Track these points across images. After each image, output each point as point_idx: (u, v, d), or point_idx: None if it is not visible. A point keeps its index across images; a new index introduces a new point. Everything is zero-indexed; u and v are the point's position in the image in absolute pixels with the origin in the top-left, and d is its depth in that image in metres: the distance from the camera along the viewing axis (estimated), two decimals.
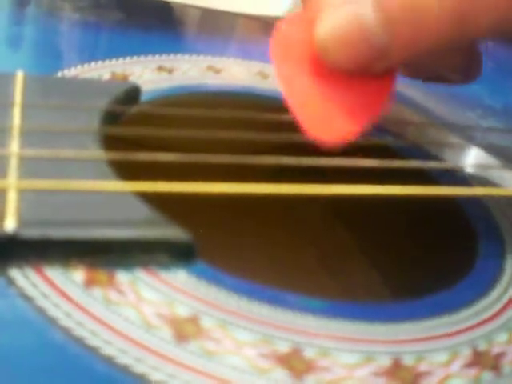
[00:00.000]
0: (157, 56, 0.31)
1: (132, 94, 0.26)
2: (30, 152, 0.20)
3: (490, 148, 0.29)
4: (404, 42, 0.20)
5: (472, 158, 0.29)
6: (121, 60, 0.30)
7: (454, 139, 0.30)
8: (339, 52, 0.20)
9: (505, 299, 0.21)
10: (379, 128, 0.29)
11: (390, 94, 0.22)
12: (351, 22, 0.20)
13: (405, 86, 0.34)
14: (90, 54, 0.31)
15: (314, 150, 0.22)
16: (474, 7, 0.20)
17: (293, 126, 0.21)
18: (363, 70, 0.21)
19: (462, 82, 0.27)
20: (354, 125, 0.21)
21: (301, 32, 0.22)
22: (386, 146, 0.28)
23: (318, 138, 0.20)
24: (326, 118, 0.21)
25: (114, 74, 0.28)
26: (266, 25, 0.41)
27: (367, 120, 0.21)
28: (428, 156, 0.29)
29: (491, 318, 0.20)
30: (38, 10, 0.35)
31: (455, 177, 0.28)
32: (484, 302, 0.21)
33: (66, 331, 0.16)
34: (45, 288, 0.17)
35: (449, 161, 0.29)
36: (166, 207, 0.20)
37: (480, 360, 0.19)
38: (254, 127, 0.24)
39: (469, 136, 0.30)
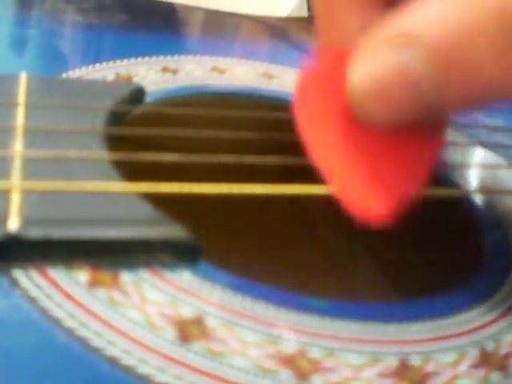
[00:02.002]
0: (161, 57, 0.31)
1: (136, 95, 0.26)
2: (34, 152, 0.20)
3: (495, 147, 0.29)
4: (458, 90, 0.17)
5: (477, 157, 0.29)
6: (125, 61, 0.30)
7: (458, 138, 0.29)
8: (378, 106, 0.17)
9: None
10: None
11: (442, 144, 0.18)
12: (393, 70, 0.17)
13: None
14: (94, 56, 0.31)
15: None
16: None
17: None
18: (407, 125, 0.17)
19: None
20: (405, 188, 0.18)
21: (326, 83, 0.18)
22: None
23: (362, 215, 0.18)
24: (368, 191, 0.17)
25: (118, 75, 0.28)
26: (270, 26, 0.41)
27: (421, 177, 0.18)
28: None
29: (499, 318, 0.20)
30: (41, 11, 0.35)
31: (460, 176, 0.27)
32: (491, 302, 0.21)
33: (69, 332, 0.16)
34: (48, 288, 0.17)
35: (453, 160, 0.28)
36: (170, 207, 0.20)
37: (488, 360, 0.19)
38: (258, 127, 0.23)
39: (474, 135, 0.30)
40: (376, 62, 0.17)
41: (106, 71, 0.28)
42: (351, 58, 0.17)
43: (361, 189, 0.17)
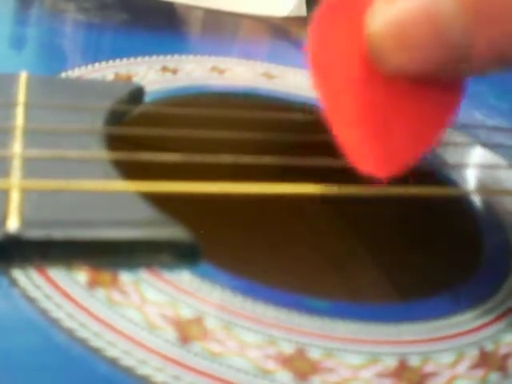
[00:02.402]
0: (161, 56, 0.31)
1: (136, 95, 0.26)
2: (33, 152, 0.20)
3: (495, 147, 0.29)
4: (490, 39, 0.15)
5: (477, 158, 0.29)
6: (125, 60, 0.30)
7: (459, 138, 0.29)
8: (401, 52, 0.16)
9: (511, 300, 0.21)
10: None
11: (457, 108, 0.17)
12: (420, 12, 0.15)
13: None
14: (94, 55, 0.31)
15: (320, 149, 0.22)
16: None
17: (297, 127, 0.21)
18: (433, 75, 0.16)
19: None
20: (414, 149, 0.17)
21: (345, 25, 0.17)
22: None
23: (367, 169, 0.17)
24: (379, 143, 0.17)
25: (117, 74, 0.28)
26: (270, 25, 0.41)
27: (430, 142, 0.17)
28: (433, 155, 0.28)
29: (498, 319, 0.20)
30: (41, 10, 0.35)
31: (461, 177, 0.27)
32: (491, 303, 0.21)
33: (69, 332, 0.16)
34: (48, 289, 0.17)
35: (454, 160, 0.28)
36: (170, 207, 0.20)
37: (487, 361, 0.19)
38: (258, 128, 0.23)
39: (474, 135, 0.30)
40: (400, 3, 0.16)
41: (106, 71, 0.28)
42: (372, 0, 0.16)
43: (367, 143, 0.16)
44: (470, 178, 0.27)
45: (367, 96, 0.16)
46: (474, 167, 0.28)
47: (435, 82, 0.16)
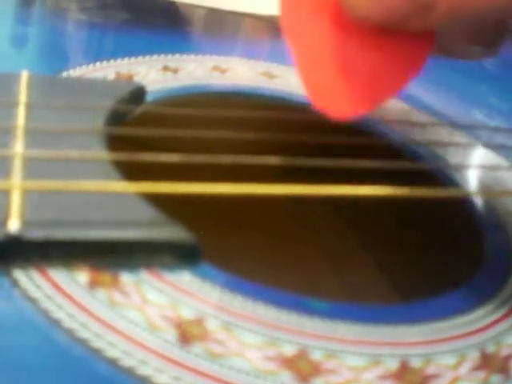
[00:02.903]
0: (162, 56, 0.31)
1: (137, 94, 0.26)
2: (35, 152, 0.20)
3: (496, 148, 0.29)
4: None
5: (478, 158, 0.29)
6: (126, 60, 0.30)
7: (460, 139, 0.29)
8: (370, 3, 0.17)
9: None
10: (386, 128, 0.29)
11: (424, 62, 0.18)
12: None
13: (410, 86, 0.33)
14: (95, 54, 0.31)
15: (319, 150, 0.22)
16: None
17: (299, 127, 0.21)
18: (397, 26, 0.17)
19: (483, 58, 0.23)
20: (376, 96, 0.17)
21: None
22: (392, 147, 0.28)
23: (325, 107, 0.17)
24: (342, 82, 0.17)
25: (119, 74, 0.28)
26: (271, 25, 0.41)
27: (394, 89, 0.18)
28: (435, 156, 0.28)
29: (499, 320, 0.20)
30: (43, 9, 0.35)
31: (462, 177, 0.27)
32: (492, 304, 0.21)
33: (69, 333, 0.16)
34: (48, 289, 0.17)
35: (455, 161, 0.28)
36: (171, 208, 0.20)
37: (488, 363, 0.19)
38: (259, 127, 0.23)
39: (475, 136, 0.30)
40: None
41: (107, 70, 0.28)
42: None
43: (341, 80, 0.17)
44: (472, 179, 0.27)
45: (335, 41, 0.17)
46: (475, 168, 0.28)
47: (401, 34, 0.17)
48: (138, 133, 0.22)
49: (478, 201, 0.26)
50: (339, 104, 0.17)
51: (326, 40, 0.17)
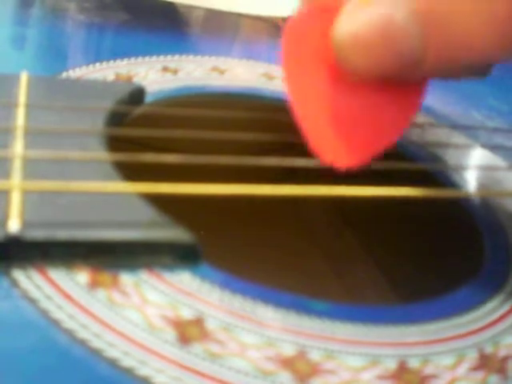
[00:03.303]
0: (161, 57, 0.31)
1: (136, 95, 0.26)
2: (34, 153, 0.20)
3: (495, 149, 0.29)
4: (440, 49, 0.17)
5: (477, 159, 0.29)
6: (125, 61, 0.30)
7: (459, 140, 0.29)
8: (362, 56, 0.18)
9: (511, 302, 0.21)
10: None
11: (418, 109, 0.19)
12: (378, 23, 0.17)
13: None
14: (95, 55, 0.31)
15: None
16: None
17: (298, 127, 0.21)
18: (389, 78, 0.18)
19: (477, 78, 0.25)
20: (375, 145, 0.18)
21: (318, 30, 0.19)
22: (392, 148, 0.28)
23: (332, 162, 0.18)
24: (342, 137, 0.18)
25: (118, 74, 0.28)
26: (270, 25, 0.41)
27: (391, 139, 0.18)
28: (434, 157, 0.28)
29: (497, 321, 0.20)
30: (42, 10, 0.35)
31: (461, 178, 0.27)
32: (490, 305, 0.21)
33: (69, 333, 0.16)
34: (48, 290, 0.17)
35: (454, 161, 0.29)
36: (171, 208, 0.20)
37: (486, 363, 0.19)
38: (258, 128, 0.23)
39: (474, 137, 0.30)
40: (360, 13, 0.18)
41: (106, 71, 0.28)
42: (339, 11, 0.18)
43: (334, 139, 0.18)
44: (471, 180, 0.27)
45: (334, 94, 0.18)
46: (474, 168, 0.28)
47: (395, 84, 0.18)
48: (138, 133, 0.22)
49: (477, 201, 0.26)
50: (338, 155, 0.18)
51: (323, 92, 0.18)
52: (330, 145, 0.18)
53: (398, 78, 0.18)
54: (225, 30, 0.40)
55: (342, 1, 0.18)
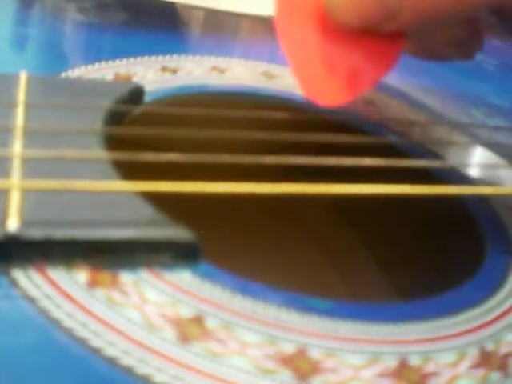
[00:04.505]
0: (161, 56, 0.31)
1: (135, 95, 0.26)
2: (33, 152, 0.20)
3: (496, 147, 0.29)
4: (414, 4, 0.20)
5: (478, 157, 0.29)
6: (124, 60, 0.30)
7: (459, 138, 0.29)
8: (349, 11, 0.21)
9: None
10: (385, 128, 0.29)
11: (397, 58, 0.22)
12: None
13: (409, 86, 0.34)
14: (94, 55, 0.31)
15: (320, 149, 0.22)
16: None
17: (298, 126, 0.21)
18: (372, 30, 0.21)
19: (461, 58, 0.27)
20: (356, 86, 0.21)
21: None
22: (391, 146, 0.28)
23: (314, 98, 0.20)
24: (328, 77, 0.21)
25: (117, 74, 0.28)
26: (270, 25, 0.41)
27: (371, 82, 0.21)
28: (434, 155, 0.28)
29: (498, 318, 0.20)
30: (42, 10, 0.35)
31: (461, 176, 0.27)
32: (491, 302, 0.21)
33: (68, 332, 0.16)
34: (48, 289, 0.17)
35: (455, 160, 0.28)
36: (170, 207, 0.20)
37: (487, 360, 0.19)
38: (258, 127, 0.23)
39: (475, 135, 0.30)
40: None
41: (106, 71, 0.28)
42: None
43: (327, 73, 0.21)
44: (471, 178, 0.27)
45: (322, 42, 0.21)
46: (474, 167, 0.28)
47: (377, 36, 0.21)
48: (137, 132, 0.22)
49: (478, 199, 0.26)
50: (325, 94, 0.20)
51: (313, 41, 0.21)
52: (318, 86, 0.21)
53: (379, 28, 0.21)
54: (224, 29, 0.40)
55: None
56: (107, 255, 0.18)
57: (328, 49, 0.21)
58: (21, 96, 0.23)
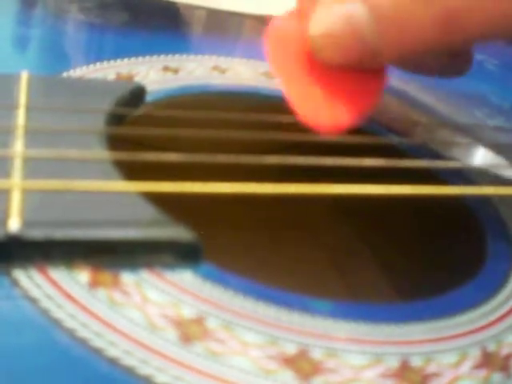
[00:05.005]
0: (162, 56, 0.31)
1: (137, 95, 0.26)
2: (35, 152, 0.20)
3: (497, 147, 0.29)
4: (393, 42, 0.21)
5: (480, 158, 0.29)
6: (126, 60, 0.30)
7: (461, 139, 0.29)
8: (331, 50, 0.21)
9: None
10: (387, 128, 0.29)
11: (383, 87, 0.23)
12: (343, 22, 0.21)
13: (411, 87, 0.33)
14: (96, 55, 0.31)
15: (320, 149, 0.22)
16: (460, 13, 0.20)
17: (298, 126, 0.21)
18: (355, 66, 0.22)
19: (451, 76, 0.27)
20: (348, 114, 0.22)
21: (295, 28, 0.23)
22: (394, 146, 0.28)
23: (315, 127, 0.21)
24: (323, 108, 0.22)
25: (119, 74, 0.28)
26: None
27: (361, 110, 0.22)
28: (436, 156, 0.28)
29: (500, 319, 0.20)
30: (44, 11, 0.35)
31: (463, 176, 0.27)
32: (493, 303, 0.21)
33: (70, 333, 0.16)
34: (49, 289, 0.17)
35: (457, 160, 0.28)
36: (171, 207, 0.20)
37: (489, 361, 0.19)
38: (259, 127, 0.23)
39: (476, 135, 0.30)
40: (327, 14, 0.21)
41: (107, 70, 0.28)
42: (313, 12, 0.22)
43: (321, 104, 0.22)
44: (472, 178, 0.27)
45: (313, 75, 0.22)
46: (476, 167, 0.28)
47: (361, 70, 0.22)
48: (138, 132, 0.22)
49: (480, 199, 0.26)
50: (319, 119, 0.22)
51: (304, 74, 0.22)
52: (316, 112, 0.22)
53: (361, 66, 0.22)
54: (225, 29, 0.40)
55: (314, 4, 0.22)
56: (108, 255, 0.18)
57: (318, 82, 0.22)
58: (22, 96, 0.23)
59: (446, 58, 0.26)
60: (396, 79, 0.33)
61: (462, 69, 0.27)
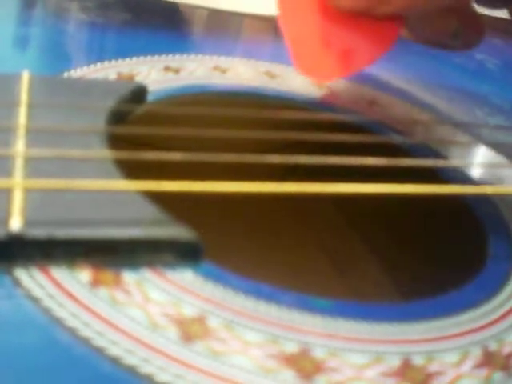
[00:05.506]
0: (163, 56, 0.31)
1: (138, 94, 0.26)
2: (36, 152, 0.20)
3: (498, 146, 0.29)
4: None
5: (480, 157, 0.29)
6: (127, 60, 0.30)
7: (462, 137, 0.29)
8: None
9: None
10: (388, 127, 0.29)
11: (393, 41, 0.23)
12: None
13: (412, 86, 0.33)
14: (97, 55, 0.31)
15: (320, 149, 0.22)
16: None
17: (300, 125, 0.21)
18: (365, 13, 0.23)
19: (462, 48, 0.27)
20: (350, 64, 0.22)
21: None
22: (394, 145, 0.28)
23: (307, 72, 0.22)
24: (322, 53, 0.22)
25: (120, 74, 0.28)
26: (272, 25, 0.41)
27: (366, 62, 0.22)
28: (437, 154, 0.28)
29: (502, 318, 0.20)
30: (45, 10, 0.35)
31: (464, 175, 0.27)
32: (494, 302, 0.21)
33: (72, 331, 0.16)
34: (51, 288, 0.17)
35: (457, 159, 0.28)
36: (173, 206, 0.20)
37: (491, 360, 0.19)
38: (260, 127, 0.23)
39: (477, 134, 0.30)
40: None
41: (108, 70, 0.28)
42: None
43: (321, 51, 0.22)
44: (473, 177, 0.27)
45: (321, 22, 0.22)
46: (476, 166, 0.28)
47: (372, 20, 0.23)
48: (140, 132, 0.22)
49: (480, 199, 0.26)
50: (318, 70, 0.22)
51: (312, 20, 0.23)
52: (314, 62, 0.22)
53: (372, 13, 0.22)
54: (226, 29, 0.40)
55: None
56: (110, 255, 0.18)
57: (325, 27, 0.22)
58: (23, 96, 0.23)
59: (455, 23, 0.26)
60: (397, 79, 0.33)
61: (473, 41, 0.27)
